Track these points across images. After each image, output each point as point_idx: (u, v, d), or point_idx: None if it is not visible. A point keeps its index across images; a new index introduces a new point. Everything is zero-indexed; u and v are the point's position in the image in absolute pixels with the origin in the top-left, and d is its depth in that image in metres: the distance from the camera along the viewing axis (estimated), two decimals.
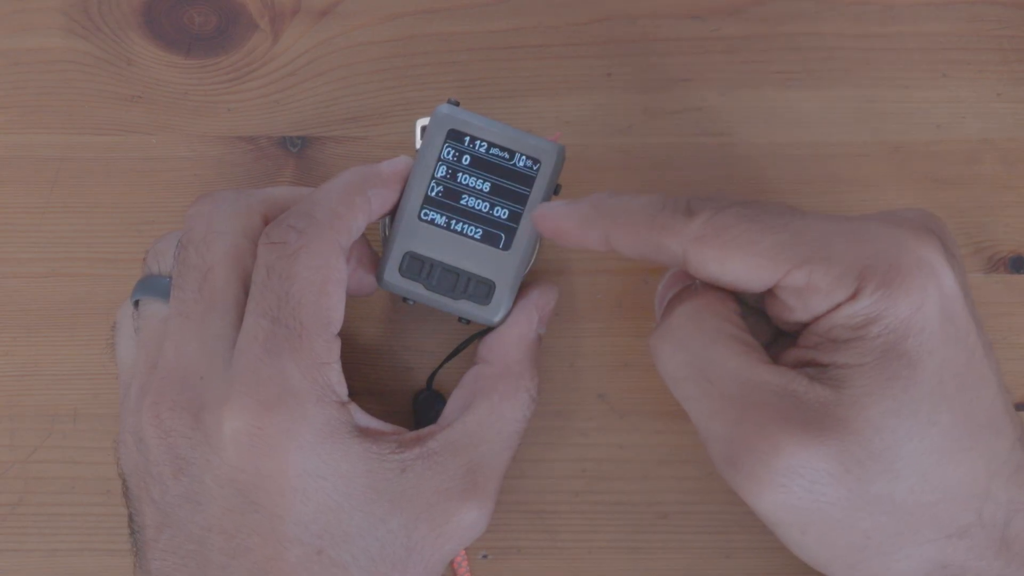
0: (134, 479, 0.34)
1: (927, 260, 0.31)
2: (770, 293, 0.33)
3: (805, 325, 0.33)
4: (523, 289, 0.37)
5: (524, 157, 0.36)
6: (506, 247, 0.36)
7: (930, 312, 0.31)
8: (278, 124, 0.43)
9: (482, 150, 0.36)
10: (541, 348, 0.38)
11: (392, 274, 0.36)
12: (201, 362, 0.33)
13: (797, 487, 0.31)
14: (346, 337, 0.36)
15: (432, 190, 0.36)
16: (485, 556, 0.40)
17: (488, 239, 0.36)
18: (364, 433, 0.33)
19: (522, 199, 0.36)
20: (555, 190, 0.36)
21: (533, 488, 0.40)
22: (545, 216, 0.35)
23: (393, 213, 0.37)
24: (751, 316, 0.36)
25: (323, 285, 0.33)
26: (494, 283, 0.36)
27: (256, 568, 0.32)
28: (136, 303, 0.36)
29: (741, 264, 0.32)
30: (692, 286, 0.35)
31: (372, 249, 0.38)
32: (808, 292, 0.32)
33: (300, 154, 0.42)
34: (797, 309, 0.33)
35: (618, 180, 0.42)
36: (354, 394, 0.34)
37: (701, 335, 0.34)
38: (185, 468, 0.32)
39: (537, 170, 0.36)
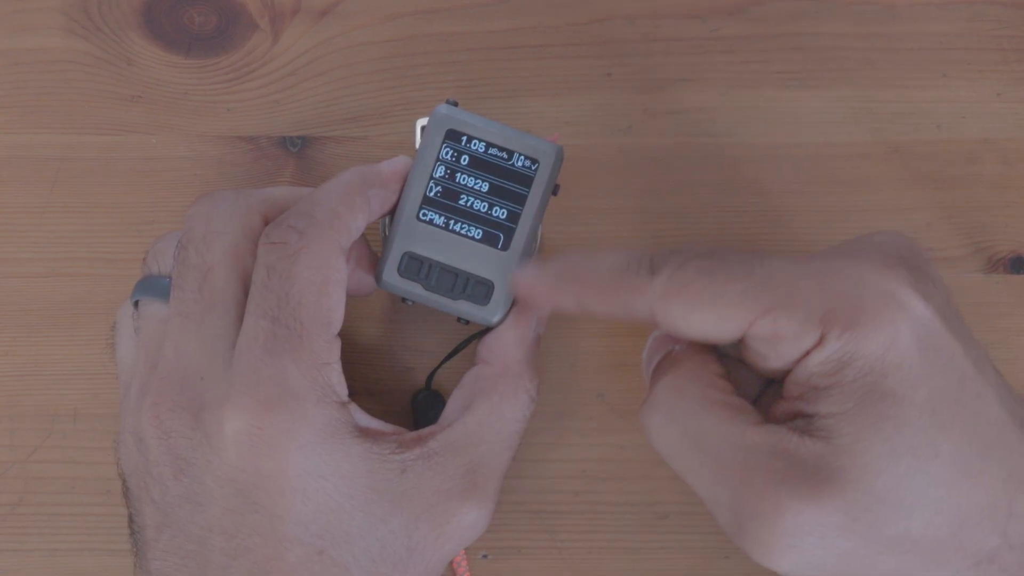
0: (134, 479, 0.34)
1: (892, 294, 0.31)
2: (743, 343, 0.33)
3: (786, 373, 0.33)
4: None
5: (523, 157, 0.36)
6: (505, 247, 0.36)
7: (905, 345, 0.30)
8: (278, 124, 0.43)
9: (480, 150, 0.36)
10: (541, 348, 0.38)
11: (391, 274, 0.36)
12: (201, 362, 0.33)
13: (809, 545, 0.30)
14: (346, 337, 0.36)
15: (431, 190, 0.36)
16: (485, 556, 0.40)
17: (487, 239, 0.36)
18: (364, 433, 0.33)
19: (521, 199, 0.36)
20: (554, 190, 0.36)
21: (533, 488, 0.40)
22: (519, 283, 0.36)
23: (392, 213, 0.37)
24: (737, 369, 0.35)
25: (323, 285, 0.33)
26: (493, 283, 0.36)
27: (257, 568, 0.32)
28: (136, 303, 0.36)
29: (707, 317, 0.32)
30: (672, 351, 0.35)
31: (371, 249, 0.38)
32: (775, 340, 0.31)
33: (300, 154, 0.42)
34: (770, 357, 0.32)
35: (618, 180, 0.42)
36: (353, 394, 0.34)
37: (686, 406, 0.33)
38: (185, 468, 0.32)
39: (536, 170, 0.36)
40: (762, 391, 0.35)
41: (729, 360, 0.35)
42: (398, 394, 0.41)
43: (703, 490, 0.33)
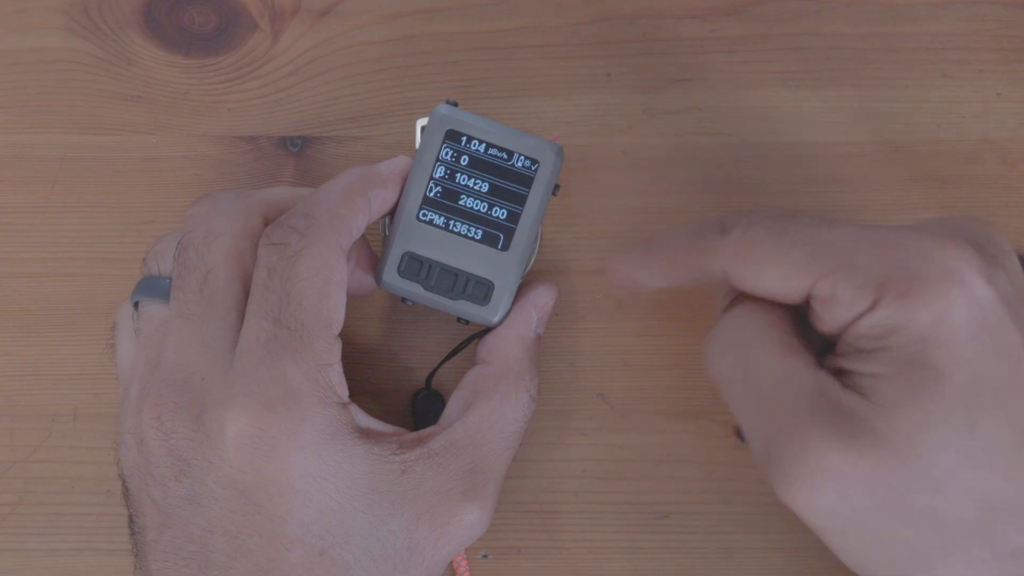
0: (134, 480, 0.34)
1: (952, 270, 0.31)
2: (807, 303, 0.33)
3: (839, 335, 0.33)
4: (522, 289, 0.38)
5: (523, 157, 0.36)
6: (505, 247, 0.36)
7: (956, 323, 0.30)
8: (278, 124, 0.43)
9: (480, 150, 0.36)
10: (541, 348, 0.38)
11: (391, 274, 0.36)
12: (202, 363, 0.33)
13: (830, 490, 0.30)
14: (346, 337, 0.36)
15: (431, 191, 0.36)
16: (485, 556, 0.40)
17: (487, 239, 0.36)
18: (365, 434, 0.33)
19: (521, 199, 0.36)
20: (554, 190, 0.36)
21: (533, 488, 0.40)
22: (615, 273, 0.37)
23: (392, 213, 0.37)
24: (804, 323, 0.35)
25: (324, 287, 0.33)
26: (493, 283, 0.36)
27: (258, 569, 0.32)
28: (136, 304, 0.36)
29: (772, 277, 0.33)
30: (742, 294, 0.36)
31: (371, 249, 0.38)
32: (832, 303, 0.32)
33: (300, 154, 0.42)
34: (825, 319, 0.33)
35: (618, 180, 0.42)
36: (354, 394, 0.34)
37: (744, 338, 0.34)
38: (186, 469, 0.32)
39: (536, 170, 0.36)
40: (822, 349, 0.36)
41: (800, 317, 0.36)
42: (398, 394, 0.41)
43: (744, 420, 0.34)
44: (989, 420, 0.30)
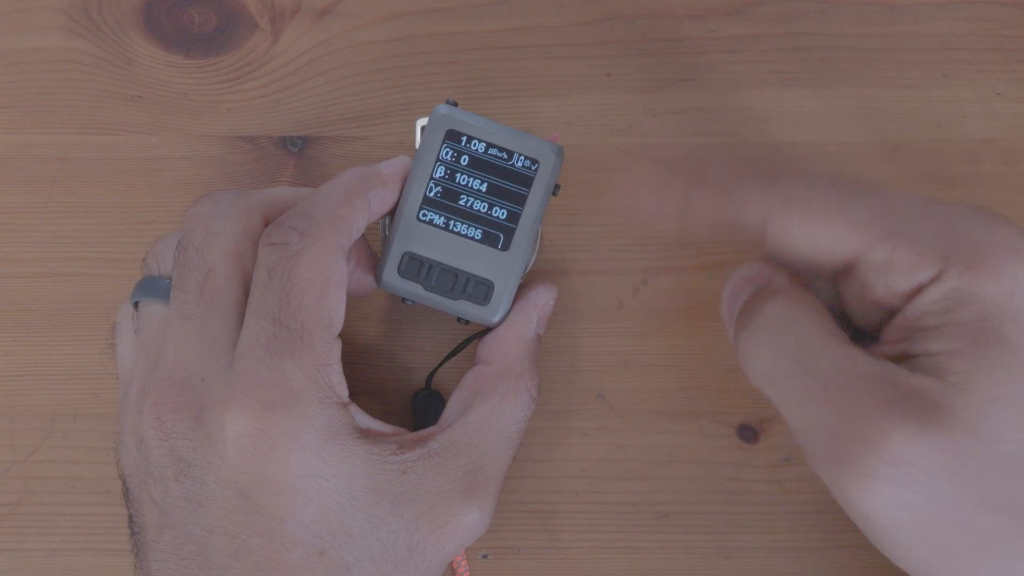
0: (134, 480, 0.34)
1: (1018, 248, 0.30)
2: (846, 275, 0.32)
3: (887, 320, 0.32)
4: (522, 289, 0.38)
5: (523, 157, 0.36)
6: (505, 247, 0.36)
7: None
8: (278, 124, 0.43)
9: (480, 150, 0.36)
10: (541, 348, 0.38)
11: (391, 274, 0.36)
12: (202, 363, 0.33)
13: (911, 481, 0.29)
14: (346, 337, 0.36)
15: (431, 191, 0.36)
16: (485, 556, 0.40)
17: (487, 239, 0.36)
18: (365, 434, 0.33)
19: (521, 199, 0.36)
20: (554, 191, 0.36)
21: (533, 488, 0.40)
22: (644, 186, 0.35)
23: (392, 213, 0.37)
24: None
25: (324, 287, 0.33)
26: (493, 283, 0.36)
27: (258, 569, 0.32)
28: (136, 304, 0.36)
29: (824, 232, 0.31)
30: (772, 284, 0.34)
31: (371, 249, 0.38)
32: (890, 268, 0.31)
33: (300, 154, 0.42)
34: (878, 288, 0.31)
35: (618, 180, 0.42)
36: (354, 394, 0.34)
37: (796, 328, 0.32)
38: (187, 470, 0.32)
39: (536, 170, 0.36)
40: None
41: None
42: (398, 394, 0.41)
43: (799, 415, 0.31)
44: None
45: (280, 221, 0.34)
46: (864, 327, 0.34)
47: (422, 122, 0.38)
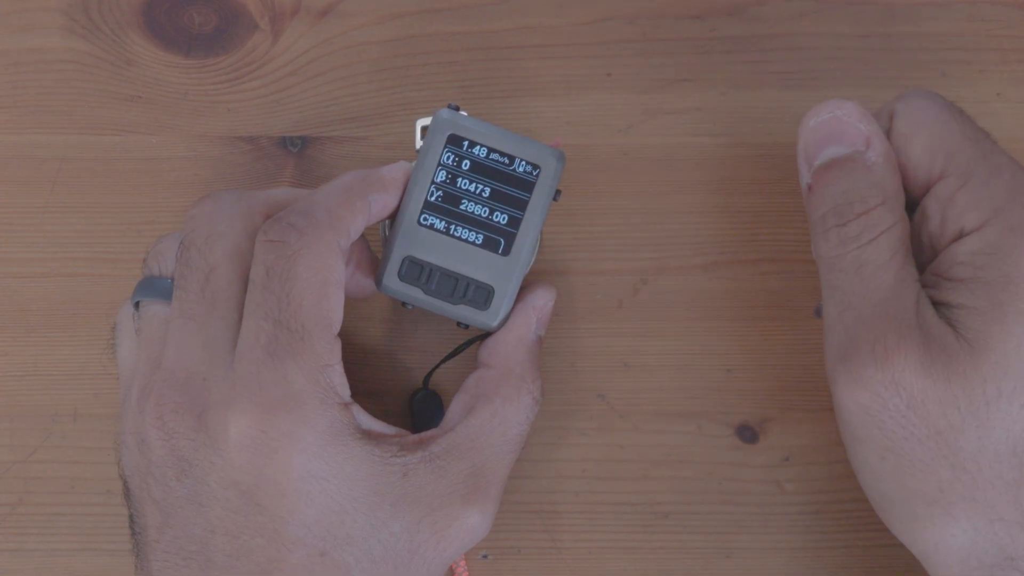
0: (136, 480, 0.34)
1: None
2: (924, 198, 0.34)
3: (932, 257, 0.34)
4: (521, 291, 0.37)
5: (524, 162, 0.36)
6: (505, 252, 0.36)
7: None
8: (278, 124, 0.43)
9: (482, 155, 0.36)
10: (541, 349, 0.38)
11: (391, 278, 0.36)
12: (204, 364, 0.33)
13: (893, 403, 0.31)
14: (345, 338, 0.36)
15: (432, 195, 0.36)
16: (485, 556, 0.40)
17: (488, 244, 0.36)
18: (367, 435, 0.33)
19: (522, 204, 0.36)
20: (555, 196, 0.36)
21: (533, 488, 0.40)
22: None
23: (394, 217, 0.37)
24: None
25: (323, 287, 0.33)
26: (493, 288, 0.36)
27: (259, 570, 0.32)
28: (136, 304, 0.36)
29: (926, 144, 0.34)
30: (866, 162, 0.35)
31: (371, 253, 0.38)
32: (948, 204, 0.33)
33: (300, 154, 0.42)
34: (933, 220, 0.33)
35: (618, 180, 0.42)
36: (353, 395, 0.34)
37: (872, 227, 0.34)
38: (188, 470, 0.33)
39: (537, 175, 0.36)
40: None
41: None
42: (398, 395, 0.41)
43: (836, 304, 0.34)
44: None
45: (278, 217, 0.34)
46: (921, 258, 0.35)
47: (423, 122, 0.38)
